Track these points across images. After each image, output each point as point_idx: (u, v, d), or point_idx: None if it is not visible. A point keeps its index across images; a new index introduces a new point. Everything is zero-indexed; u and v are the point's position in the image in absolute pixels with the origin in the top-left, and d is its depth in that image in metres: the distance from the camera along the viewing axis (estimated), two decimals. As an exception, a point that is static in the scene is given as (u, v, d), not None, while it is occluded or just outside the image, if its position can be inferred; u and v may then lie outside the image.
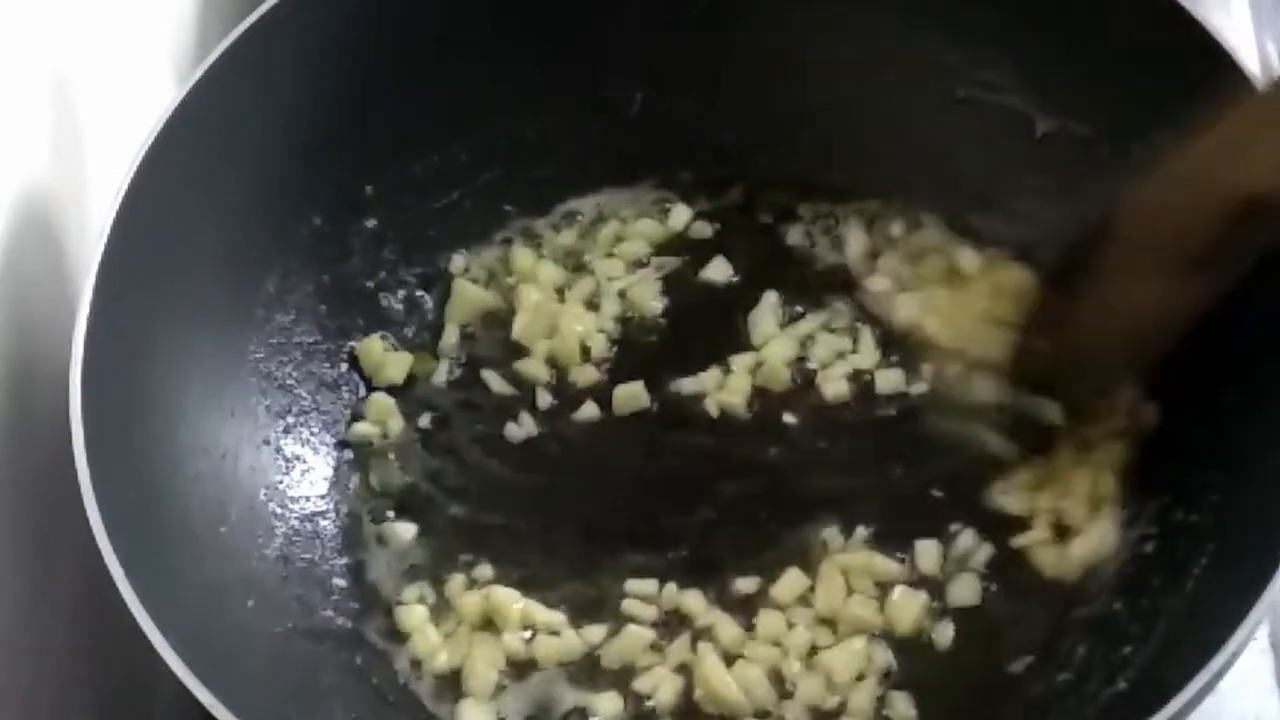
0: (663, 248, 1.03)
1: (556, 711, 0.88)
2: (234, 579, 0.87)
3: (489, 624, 0.90)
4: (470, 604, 0.91)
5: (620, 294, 1.01)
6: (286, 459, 0.95)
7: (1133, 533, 0.87)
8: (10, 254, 0.83)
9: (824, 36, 1.00)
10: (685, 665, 0.88)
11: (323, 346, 0.98)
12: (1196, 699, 0.70)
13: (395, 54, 0.96)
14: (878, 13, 0.98)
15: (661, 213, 1.04)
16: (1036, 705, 0.84)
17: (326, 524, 0.94)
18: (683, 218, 1.04)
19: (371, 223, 1.00)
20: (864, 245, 1.01)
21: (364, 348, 0.99)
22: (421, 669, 0.89)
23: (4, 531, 0.81)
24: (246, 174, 0.93)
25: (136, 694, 0.90)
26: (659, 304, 1.01)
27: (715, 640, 0.88)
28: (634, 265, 1.02)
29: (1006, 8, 0.95)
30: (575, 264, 1.03)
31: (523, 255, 1.03)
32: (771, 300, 1.00)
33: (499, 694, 0.88)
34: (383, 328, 1.00)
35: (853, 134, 1.01)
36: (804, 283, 1.01)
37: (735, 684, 0.86)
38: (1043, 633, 0.86)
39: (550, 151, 1.03)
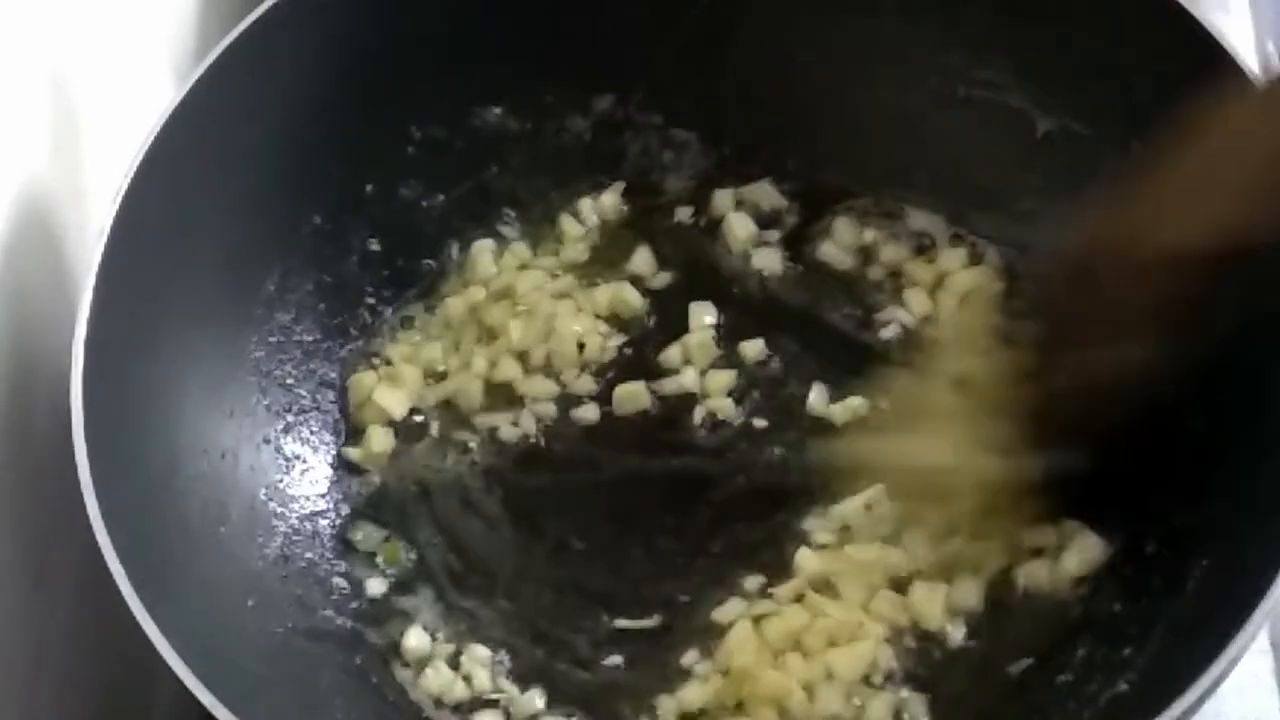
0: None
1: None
2: (234, 578, 0.87)
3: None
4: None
5: (613, 294, 1.01)
6: (286, 458, 0.95)
7: (1128, 537, 0.87)
8: (10, 254, 0.83)
9: (824, 36, 1.00)
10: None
11: (323, 345, 0.99)
12: (1198, 701, 0.70)
13: (395, 53, 0.96)
14: (878, 12, 0.98)
15: (662, 212, 1.04)
16: (1037, 707, 0.84)
17: (326, 524, 0.94)
18: (683, 217, 1.03)
19: (371, 223, 1.00)
20: (860, 244, 1.01)
21: (355, 382, 0.98)
22: (423, 671, 0.89)
23: (4, 531, 0.81)
24: (246, 173, 0.93)
25: (136, 694, 0.90)
26: (644, 303, 1.01)
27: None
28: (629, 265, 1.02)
29: (1007, 7, 0.95)
30: (569, 265, 1.03)
31: (519, 253, 1.03)
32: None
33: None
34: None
35: (853, 133, 1.01)
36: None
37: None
38: (1043, 635, 0.86)
39: (549, 151, 1.03)
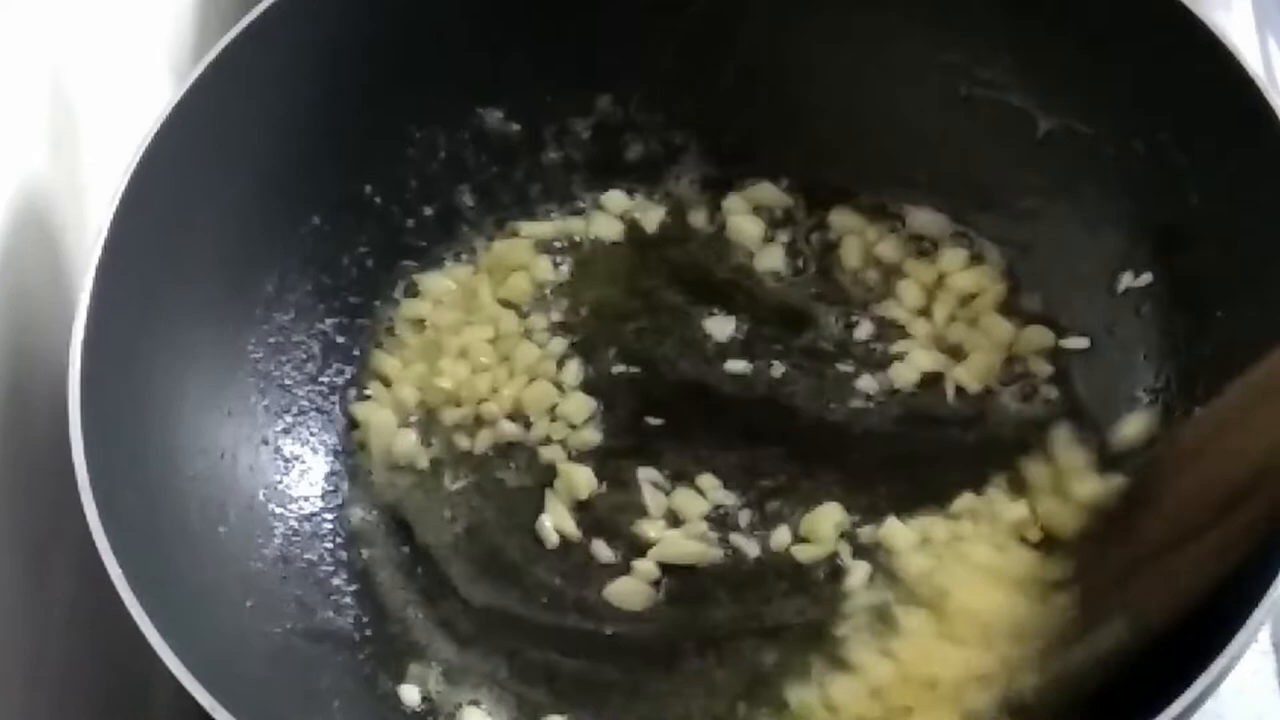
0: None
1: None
2: (233, 579, 0.87)
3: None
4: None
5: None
6: (285, 459, 0.94)
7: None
8: (9, 254, 0.83)
9: (824, 35, 0.99)
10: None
11: (323, 345, 0.98)
12: (1199, 701, 0.70)
13: (394, 54, 0.96)
14: (879, 11, 0.98)
15: (663, 212, 1.04)
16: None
17: (326, 524, 0.94)
18: (683, 218, 1.03)
19: (371, 223, 1.00)
20: (860, 245, 1.01)
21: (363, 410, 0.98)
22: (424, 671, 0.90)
23: (2, 531, 0.81)
24: (245, 173, 0.92)
25: (136, 694, 0.90)
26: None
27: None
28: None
29: (1008, 6, 0.95)
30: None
31: (521, 249, 1.03)
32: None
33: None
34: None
35: (853, 133, 1.01)
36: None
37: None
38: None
39: (548, 151, 1.03)
